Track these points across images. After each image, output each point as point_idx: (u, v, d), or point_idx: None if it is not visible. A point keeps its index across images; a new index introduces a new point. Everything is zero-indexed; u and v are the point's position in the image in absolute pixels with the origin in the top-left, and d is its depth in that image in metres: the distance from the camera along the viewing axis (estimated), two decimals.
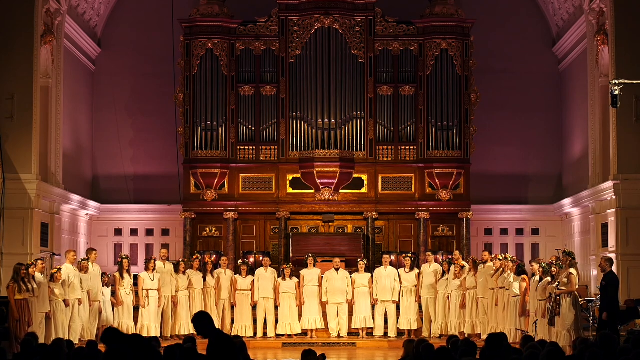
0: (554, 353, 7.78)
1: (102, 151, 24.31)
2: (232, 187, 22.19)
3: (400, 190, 22.25)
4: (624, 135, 18.97)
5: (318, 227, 22.54)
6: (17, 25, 18.85)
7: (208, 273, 18.43)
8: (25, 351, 9.22)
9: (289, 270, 18.39)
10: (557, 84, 24.39)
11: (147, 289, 17.62)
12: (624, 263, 18.56)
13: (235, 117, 22.17)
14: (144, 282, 17.62)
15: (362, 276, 18.41)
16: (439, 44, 22.16)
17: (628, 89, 17.08)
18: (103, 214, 23.76)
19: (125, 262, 17.72)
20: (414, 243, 22.31)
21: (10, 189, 18.41)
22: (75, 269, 16.77)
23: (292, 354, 16.38)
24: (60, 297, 16.18)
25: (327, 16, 21.99)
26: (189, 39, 22.19)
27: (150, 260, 17.97)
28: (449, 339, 10.04)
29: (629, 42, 19.08)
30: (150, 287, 17.64)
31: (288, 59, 22.18)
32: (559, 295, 14.51)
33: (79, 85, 23.25)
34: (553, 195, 23.97)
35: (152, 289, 17.65)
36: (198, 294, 18.20)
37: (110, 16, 24.33)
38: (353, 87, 22.05)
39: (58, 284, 16.20)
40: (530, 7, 24.36)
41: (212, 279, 18.39)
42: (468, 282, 17.77)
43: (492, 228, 23.85)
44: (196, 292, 18.21)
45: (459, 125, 22.01)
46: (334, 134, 21.81)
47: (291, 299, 18.22)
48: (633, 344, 9.32)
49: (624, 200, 18.82)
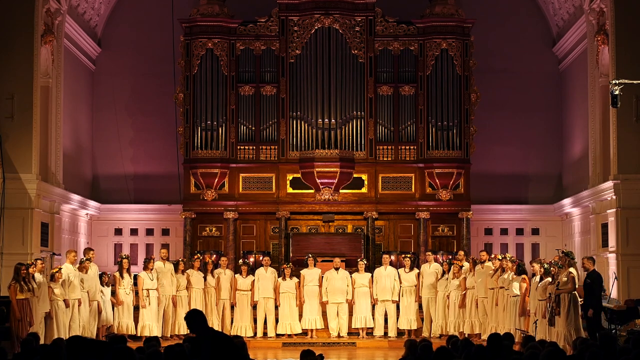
0: (554, 353, 7.78)
1: (102, 151, 24.31)
2: (232, 187, 22.19)
3: (400, 190, 22.25)
4: (624, 135, 18.97)
5: (318, 227, 22.54)
6: (17, 25, 18.85)
7: (208, 273, 18.44)
8: (26, 351, 9.22)
9: (289, 270, 18.38)
10: (557, 84, 24.39)
11: (147, 288, 17.64)
12: (624, 263, 18.56)
13: (235, 117, 22.17)
14: (143, 282, 17.65)
15: (362, 276, 18.40)
16: (439, 43, 22.16)
17: (628, 89, 17.07)
18: (103, 213, 23.76)
19: (125, 261, 17.73)
20: (414, 243, 22.31)
21: (10, 188, 18.41)
22: (75, 269, 16.76)
23: (292, 354, 16.37)
24: (60, 297, 16.18)
25: (327, 16, 21.99)
26: (189, 38, 22.18)
27: (150, 260, 17.99)
28: (448, 339, 10.05)
29: (629, 42, 19.08)
30: (150, 287, 17.66)
31: (288, 59, 22.18)
32: (559, 295, 14.52)
33: (79, 85, 23.25)
34: (553, 195, 23.97)
35: (151, 289, 17.67)
36: (199, 294, 18.20)
37: (110, 16, 24.33)
38: (353, 87, 22.05)
39: (58, 284, 16.20)
40: (530, 7, 24.35)
41: (213, 279, 18.40)
42: (468, 282, 17.78)
43: (492, 228, 23.85)
44: (197, 291, 18.21)
45: (459, 125, 22.01)
46: (334, 134, 21.81)
47: (291, 299, 18.22)
48: (633, 344, 9.32)
49: (624, 200, 18.83)
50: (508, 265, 16.70)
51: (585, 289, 14.82)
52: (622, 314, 15.39)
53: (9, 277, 15.91)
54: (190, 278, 18.19)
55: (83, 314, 16.69)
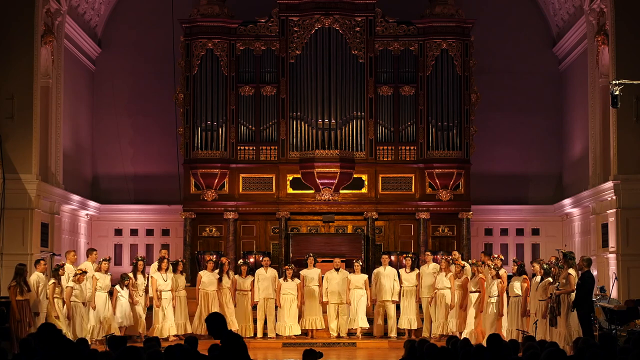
0: (554, 353, 7.78)
1: (102, 151, 24.30)
2: (232, 187, 22.19)
3: (401, 190, 22.24)
4: (624, 135, 18.96)
5: (318, 227, 22.53)
6: (17, 25, 18.84)
7: (224, 274, 18.27)
8: (25, 351, 9.20)
9: (290, 271, 18.25)
10: (557, 84, 24.39)
11: (160, 289, 17.58)
12: (624, 263, 18.55)
13: (235, 117, 22.17)
14: (156, 283, 17.58)
15: (357, 277, 18.29)
16: (439, 44, 22.16)
17: (628, 89, 17.08)
18: (103, 214, 23.75)
19: (140, 263, 17.80)
20: (414, 243, 22.30)
21: (10, 189, 18.40)
22: (75, 269, 16.76)
23: (292, 354, 16.38)
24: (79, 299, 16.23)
25: (327, 16, 21.99)
26: (189, 39, 22.18)
27: (163, 260, 17.93)
28: (448, 339, 10.05)
29: (629, 42, 19.07)
30: (164, 288, 17.60)
31: (288, 59, 22.17)
32: (559, 295, 14.52)
33: (79, 85, 23.24)
34: (553, 195, 23.96)
35: (165, 290, 17.62)
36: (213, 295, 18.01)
37: (110, 16, 24.33)
38: (353, 87, 22.05)
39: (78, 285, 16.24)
40: (530, 7, 24.35)
41: (229, 280, 18.24)
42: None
43: (492, 228, 23.84)
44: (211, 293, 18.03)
45: (459, 125, 22.01)
46: (334, 134, 21.81)
47: (293, 301, 18.10)
48: (633, 344, 9.32)
49: (624, 200, 18.82)
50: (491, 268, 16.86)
51: (577, 289, 14.78)
52: (622, 314, 15.37)
53: (8, 278, 15.91)
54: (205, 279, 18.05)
55: (101, 313, 16.78)
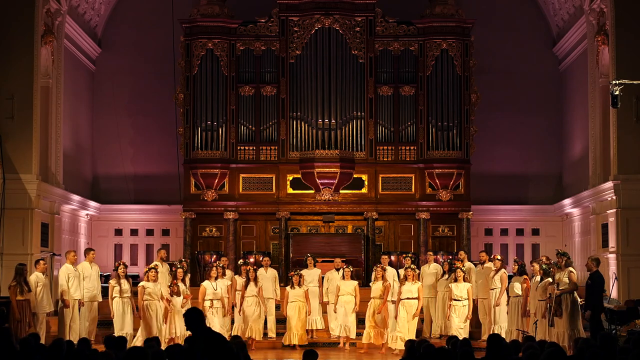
0: (554, 353, 7.78)
1: (102, 151, 24.30)
2: (232, 187, 22.19)
3: (401, 190, 22.25)
4: (624, 136, 18.95)
5: (318, 227, 22.54)
6: (17, 25, 18.83)
7: (252, 281, 17.16)
8: (25, 351, 9.21)
9: (297, 278, 17.38)
10: (557, 84, 24.39)
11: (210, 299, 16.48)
12: (624, 263, 18.54)
13: (235, 117, 22.17)
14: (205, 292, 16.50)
15: (347, 283, 17.23)
16: (439, 44, 22.17)
17: (628, 89, 17.07)
18: (103, 214, 23.75)
19: (122, 268, 17.12)
20: (414, 243, 22.30)
21: (10, 189, 18.39)
22: (75, 269, 16.74)
23: (292, 354, 16.36)
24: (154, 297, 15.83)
25: (327, 16, 22.00)
26: (189, 39, 22.19)
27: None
28: (448, 339, 10.05)
29: (629, 42, 19.07)
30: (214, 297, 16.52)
31: (288, 59, 22.18)
32: (559, 295, 14.51)
33: (79, 85, 23.24)
34: (553, 195, 23.96)
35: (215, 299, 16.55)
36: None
37: (110, 16, 24.33)
38: (353, 87, 22.06)
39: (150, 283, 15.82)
40: (530, 7, 24.35)
41: (255, 288, 17.15)
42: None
43: (493, 228, 23.85)
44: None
45: (459, 125, 22.01)
46: (334, 134, 21.82)
47: (302, 308, 17.28)
48: (633, 344, 9.32)
49: (624, 200, 18.81)
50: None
51: (586, 289, 14.82)
52: (622, 314, 15.39)
53: (9, 278, 15.90)
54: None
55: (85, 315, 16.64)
